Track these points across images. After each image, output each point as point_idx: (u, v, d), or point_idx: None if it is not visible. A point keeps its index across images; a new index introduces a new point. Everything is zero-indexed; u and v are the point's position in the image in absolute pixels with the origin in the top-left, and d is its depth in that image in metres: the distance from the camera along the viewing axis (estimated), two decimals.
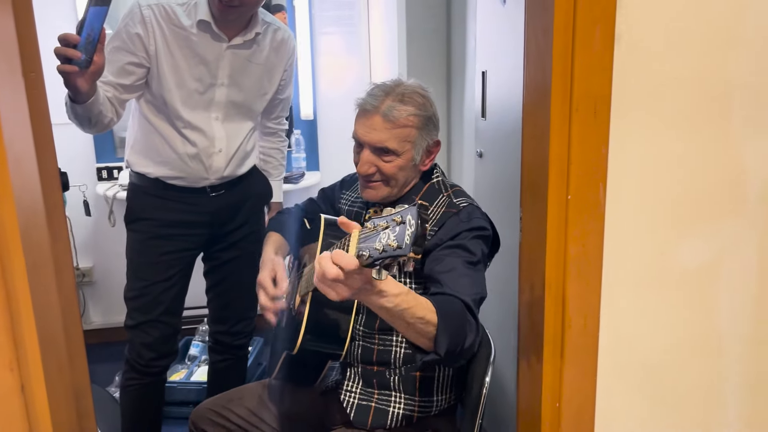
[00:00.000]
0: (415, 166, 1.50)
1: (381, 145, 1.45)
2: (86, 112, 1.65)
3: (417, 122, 1.46)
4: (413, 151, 1.47)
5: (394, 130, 1.44)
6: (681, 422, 1.23)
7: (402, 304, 1.12)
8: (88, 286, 3.34)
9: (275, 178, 2.27)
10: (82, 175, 3.09)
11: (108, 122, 1.78)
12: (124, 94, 1.81)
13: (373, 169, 1.48)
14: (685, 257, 1.14)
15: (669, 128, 1.09)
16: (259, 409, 1.68)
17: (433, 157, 1.53)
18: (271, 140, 2.22)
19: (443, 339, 1.17)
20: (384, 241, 0.91)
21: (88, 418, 1.17)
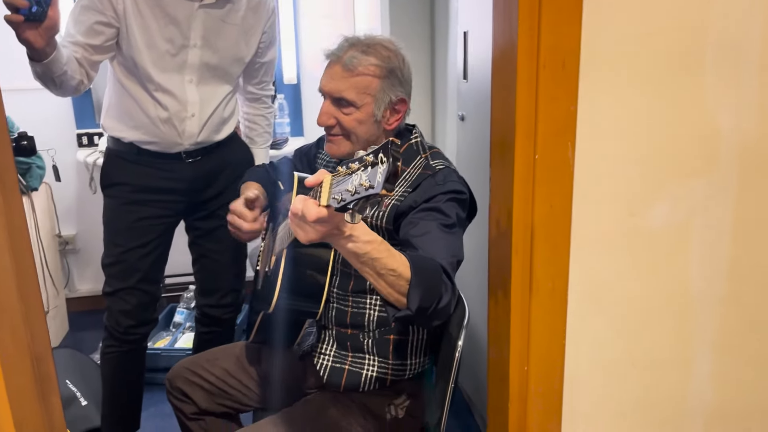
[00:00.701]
0: (378, 123, 1.45)
1: (339, 95, 1.42)
2: (47, 72, 1.60)
3: (378, 72, 1.41)
4: (374, 105, 1.42)
5: (352, 78, 1.41)
6: (652, 382, 1.22)
7: (373, 252, 1.09)
8: (72, 253, 3.33)
9: (261, 145, 2.23)
10: (61, 142, 3.04)
11: (77, 84, 1.73)
12: (94, 55, 1.76)
13: (332, 120, 1.45)
14: (656, 217, 1.12)
15: (640, 85, 1.06)
16: (235, 370, 1.68)
17: (399, 118, 1.47)
18: (255, 106, 2.16)
19: (415, 294, 1.14)
20: (356, 182, 0.89)
21: (50, 382, 1.15)
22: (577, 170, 1.05)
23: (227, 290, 2.13)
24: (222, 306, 2.15)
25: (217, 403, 1.65)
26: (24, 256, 1.08)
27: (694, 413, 1.23)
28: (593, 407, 1.20)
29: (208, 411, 1.65)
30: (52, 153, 2.87)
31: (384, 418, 1.51)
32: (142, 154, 1.90)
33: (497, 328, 1.16)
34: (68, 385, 2.48)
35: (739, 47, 1.06)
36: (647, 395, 1.22)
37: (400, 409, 1.52)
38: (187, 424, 1.66)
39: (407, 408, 1.53)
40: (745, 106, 1.11)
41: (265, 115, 2.20)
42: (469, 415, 2.46)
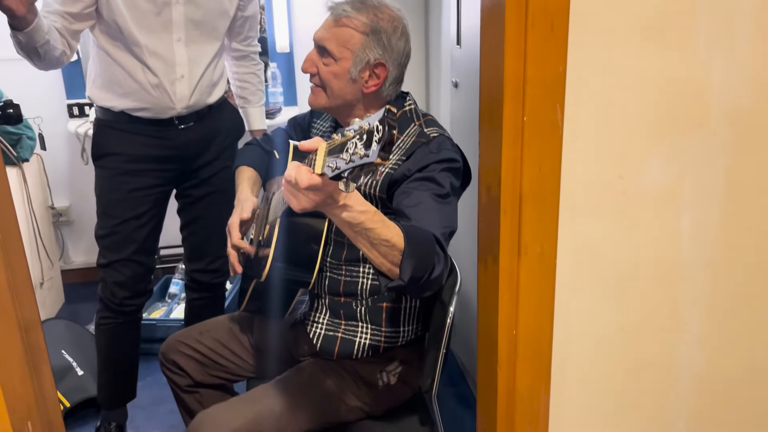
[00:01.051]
0: (354, 83, 1.43)
1: (321, 44, 1.42)
2: (30, 41, 1.57)
3: (361, 28, 1.39)
4: (351, 61, 1.41)
5: (336, 29, 1.41)
6: (641, 345, 1.22)
7: (367, 222, 1.09)
8: (66, 225, 3.32)
9: (255, 104, 2.20)
10: (51, 112, 3.01)
11: (60, 55, 1.70)
12: (74, 23, 1.73)
13: (313, 68, 1.45)
14: (645, 179, 1.11)
15: (630, 44, 1.04)
16: (228, 340, 1.69)
17: (377, 84, 1.43)
18: (244, 64, 2.13)
19: (408, 265, 1.14)
20: (351, 150, 0.88)
21: (40, 352, 1.15)
22: (566, 132, 1.04)
23: (215, 256, 2.13)
24: (211, 271, 2.15)
25: (211, 374, 1.66)
26: (8, 225, 1.07)
27: (682, 376, 1.24)
28: (581, 370, 1.21)
29: (202, 383, 1.66)
30: (39, 121, 2.84)
31: (376, 385, 1.52)
32: (133, 122, 1.88)
33: (486, 293, 1.16)
34: (64, 355, 2.49)
35: (731, 4, 1.04)
36: (636, 358, 1.22)
37: (392, 376, 1.53)
38: (182, 396, 1.68)
39: (399, 374, 1.54)
40: (737, 65, 1.09)
41: (256, 72, 2.17)
42: (463, 381, 2.49)
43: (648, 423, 1.27)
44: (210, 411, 1.43)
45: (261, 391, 1.47)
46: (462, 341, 2.39)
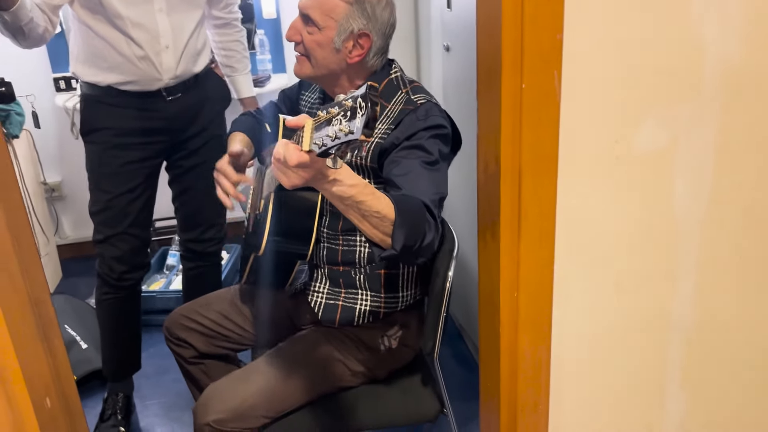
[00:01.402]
0: (338, 52, 1.42)
1: (305, 12, 1.41)
2: (15, 20, 1.55)
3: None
4: (336, 30, 1.40)
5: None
6: (637, 302, 1.26)
7: (358, 195, 1.10)
8: (59, 200, 3.31)
9: (242, 72, 2.19)
10: (37, 87, 2.98)
11: (43, 32, 1.68)
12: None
13: (297, 36, 1.44)
14: (640, 143, 1.13)
15: (625, 11, 1.05)
16: (230, 313, 1.71)
17: (361, 54, 1.43)
18: (226, 32, 2.11)
19: (400, 234, 1.16)
20: (336, 127, 0.89)
21: (51, 326, 1.18)
22: (564, 99, 1.05)
23: (209, 224, 2.15)
24: (204, 240, 2.16)
25: (215, 345, 1.69)
26: (14, 203, 1.09)
27: (677, 327, 1.28)
28: (580, 328, 1.25)
29: (207, 354, 1.69)
30: (32, 99, 2.81)
31: (378, 350, 1.56)
32: (121, 95, 1.86)
33: (487, 257, 1.19)
34: (67, 329, 2.52)
35: None
36: (632, 313, 1.26)
37: (393, 340, 1.57)
38: (188, 368, 1.71)
39: (400, 338, 1.58)
40: (730, 29, 1.10)
41: (239, 39, 2.15)
42: (461, 342, 2.54)
43: (645, 372, 1.32)
44: (219, 383, 1.47)
45: (267, 361, 1.51)
46: (459, 303, 2.43)
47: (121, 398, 2.17)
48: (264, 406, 1.45)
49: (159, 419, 2.25)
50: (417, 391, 1.58)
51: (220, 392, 1.46)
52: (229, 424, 1.41)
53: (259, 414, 1.45)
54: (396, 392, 1.58)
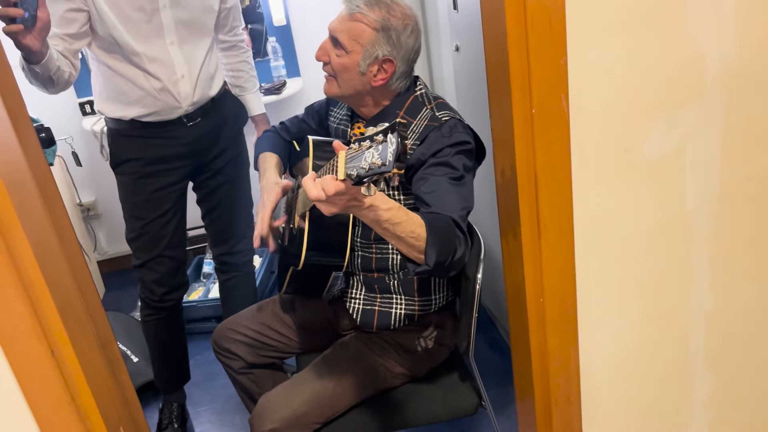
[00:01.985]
0: (363, 75, 1.49)
1: (334, 35, 1.48)
2: (45, 71, 1.64)
3: (374, 24, 1.44)
4: (361, 55, 1.46)
5: (349, 23, 1.46)
6: (657, 296, 1.33)
7: (393, 218, 1.19)
8: (95, 219, 3.44)
9: (251, 91, 2.26)
10: (65, 112, 3.09)
11: (68, 77, 1.77)
12: (73, 43, 1.78)
13: (326, 57, 1.51)
14: (649, 149, 1.19)
15: (624, 29, 1.10)
16: (273, 323, 1.80)
17: (385, 78, 1.49)
18: (233, 54, 2.19)
19: (432, 252, 1.25)
20: (369, 159, 0.97)
21: (117, 362, 1.29)
22: (573, 117, 1.12)
23: (239, 238, 2.24)
24: (236, 252, 2.26)
25: (261, 355, 1.79)
26: (76, 256, 1.19)
27: (696, 319, 1.35)
28: (605, 325, 1.32)
29: (254, 364, 1.79)
30: (70, 141, 2.93)
31: (415, 351, 1.65)
32: (145, 127, 1.95)
33: (511, 266, 1.27)
34: (118, 345, 2.63)
35: None
36: (653, 308, 1.34)
37: (429, 340, 1.66)
38: (237, 378, 1.81)
39: (435, 338, 1.66)
40: (726, 31, 1.15)
41: (246, 59, 2.22)
42: (493, 329, 2.63)
43: (669, 363, 1.40)
44: (271, 394, 1.57)
45: (313, 371, 1.61)
46: (489, 292, 2.51)
47: (175, 408, 2.29)
48: (315, 413, 1.55)
49: (212, 425, 2.38)
50: (456, 387, 1.67)
51: (273, 402, 1.56)
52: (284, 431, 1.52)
53: (310, 420, 1.55)
54: (436, 389, 1.67)
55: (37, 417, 1.07)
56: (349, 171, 1.01)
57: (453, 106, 2.39)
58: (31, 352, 1.03)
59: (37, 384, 1.05)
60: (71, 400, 1.08)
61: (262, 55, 3.24)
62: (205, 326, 2.89)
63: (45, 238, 1.05)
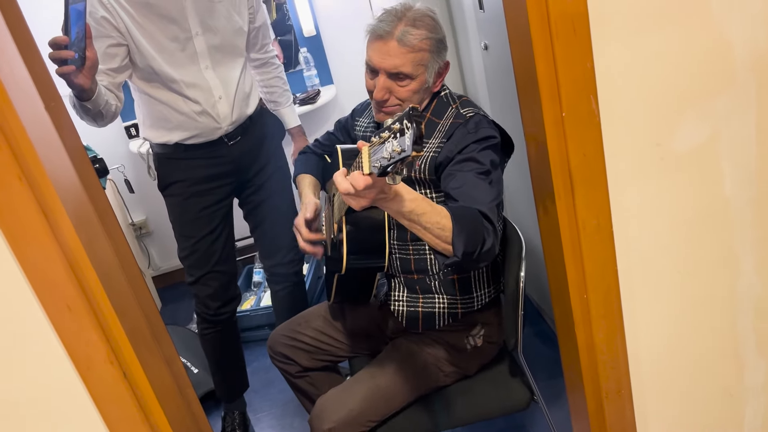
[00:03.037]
0: (428, 89, 1.55)
1: (395, 71, 1.49)
2: (95, 107, 1.72)
3: (430, 45, 1.49)
4: (426, 74, 1.51)
5: (410, 54, 1.47)
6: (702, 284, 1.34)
7: (417, 209, 1.23)
8: (147, 236, 3.57)
9: (285, 105, 2.34)
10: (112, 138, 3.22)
11: (115, 110, 1.85)
12: (117, 77, 1.88)
13: (388, 95, 1.53)
14: (682, 141, 1.20)
15: (647, 23, 1.11)
16: (325, 328, 1.87)
17: (442, 78, 1.57)
18: (266, 71, 2.26)
19: (459, 242, 1.28)
20: (389, 149, 1.01)
21: (183, 379, 1.36)
22: (603, 117, 1.14)
23: (287, 249, 2.31)
24: (286, 263, 2.33)
25: (316, 359, 1.86)
26: (139, 283, 1.26)
27: (743, 304, 1.36)
28: (651, 315, 1.34)
29: (310, 368, 1.86)
30: (122, 169, 3.07)
31: (465, 349, 1.69)
32: (188, 150, 2.04)
33: (554, 266, 1.30)
34: None
35: None
36: (698, 296, 1.34)
37: (478, 338, 1.70)
38: (295, 382, 1.88)
39: (483, 335, 1.70)
40: (754, 16, 1.15)
41: (279, 75, 2.29)
42: (540, 319, 2.65)
43: (718, 349, 1.40)
44: (328, 396, 1.64)
45: (368, 372, 1.67)
46: (534, 284, 2.53)
47: (237, 416, 2.39)
48: (370, 412, 1.61)
49: (273, 429, 2.46)
50: (507, 383, 1.70)
51: (331, 403, 1.62)
52: (342, 431, 1.58)
53: (366, 419, 1.61)
54: (487, 385, 1.71)
55: None
56: (374, 164, 1.05)
57: (485, 104, 2.44)
58: (106, 377, 1.10)
59: (114, 406, 1.13)
60: (145, 419, 1.15)
61: (294, 66, 3.31)
62: (259, 334, 2.98)
63: (110, 269, 1.13)
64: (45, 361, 1.09)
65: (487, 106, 2.47)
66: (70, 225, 1.00)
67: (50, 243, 0.99)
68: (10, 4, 1.10)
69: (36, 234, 0.98)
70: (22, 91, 0.99)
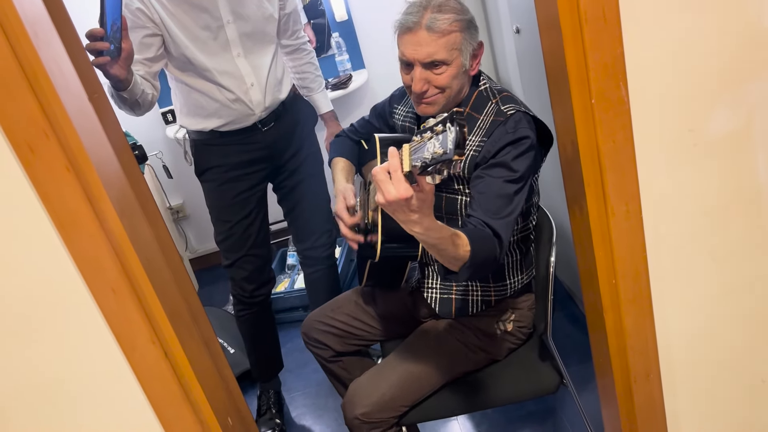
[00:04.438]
0: (466, 72, 1.54)
1: (430, 59, 1.47)
2: (132, 96, 1.77)
3: (460, 26, 1.48)
4: (461, 57, 1.50)
5: (441, 39, 1.46)
6: (735, 270, 1.33)
7: (441, 244, 1.27)
8: (184, 220, 3.66)
9: (317, 91, 2.36)
10: (149, 124, 3.29)
11: (152, 99, 1.90)
12: (152, 67, 1.92)
13: (426, 86, 1.51)
14: (715, 127, 1.19)
15: (677, 8, 1.10)
16: (357, 313, 1.91)
17: (479, 60, 1.55)
18: (298, 57, 2.28)
19: (467, 272, 1.35)
20: (431, 149, 1.02)
21: (220, 358, 1.42)
22: (633, 103, 1.14)
23: (320, 232, 2.35)
24: (319, 246, 2.37)
25: (348, 343, 1.90)
26: (178, 267, 1.32)
27: None
28: (682, 301, 1.34)
29: (342, 352, 1.90)
30: (160, 155, 3.14)
31: (495, 335, 1.71)
32: (224, 136, 2.08)
33: (583, 250, 1.31)
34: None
35: None
36: (730, 281, 1.34)
37: (508, 324, 1.71)
38: (328, 366, 1.93)
39: (514, 321, 1.72)
40: None
41: (310, 61, 2.31)
42: (571, 302, 2.65)
43: (751, 334, 1.40)
44: (360, 381, 1.68)
45: (399, 357, 1.70)
46: (565, 268, 2.53)
47: (272, 395, 2.46)
48: (402, 396, 1.65)
49: (307, 408, 2.53)
50: (537, 367, 1.72)
51: (363, 388, 1.66)
52: (374, 415, 1.62)
53: (398, 404, 1.64)
54: (517, 370, 1.73)
55: (158, 412, 1.21)
56: (414, 162, 1.07)
57: (517, 88, 2.43)
58: (149, 356, 1.16)
59: (156, 383, 1.18)
60: (185, 397, 1.21)
61: (326, 50, 3.33)
62: (293, 315, 3.05)
63: (151, 254, 1.18)
64: (93, 341, 1.15)
65: (519, 90, 2.46)
66: (114, 212, 1.05)
67: (96, 230, 1.04)
68: None
69: (83, 221, 1.03)
70: (68, 85, 1.03)
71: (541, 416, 2.20)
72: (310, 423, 2.46)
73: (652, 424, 1.42)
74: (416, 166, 1.07)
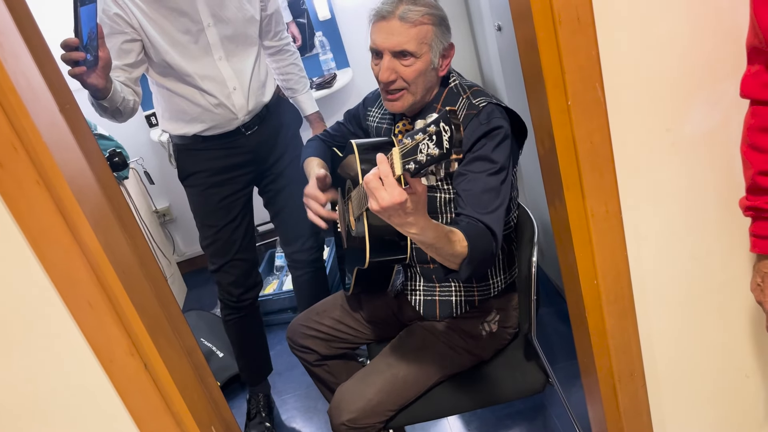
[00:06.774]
0: (435, 71, 1.53)
1: (400, 48, 1.47)
2: (112, 104, 1.75)
3: (432, 20, 1.47)
4: (431, 53, 1.49)
5: (412, 29, 1.46)
6: (713, 269, 1.34)
7: (438, 242, 1.26)
8: (171, 223, 3.64)
9: (302, 92, 2.33)
10: (133, 127, 3.26)
11: (134, 105, 1.88)
12: (133, 72, 1.90)
13: (394, 75, 1.51)
14: (692, 126, 1.19)
15: (655, 8, 1.10)
16: (342, 317, 1.90)
17: (448, 62, 1.55)
18: (281, 58, 2.26)
19: (467, 269, 1.33)
20: (425, 151, 1.00)
21: (203, 368, 1.41)
22: (610, 104, 1.14)
23: (307, 235, 2.33)
24: (306, 249, 2.36)
25: (334, 347, 1.89)
26: (157, 278, 1.30)
27: None
28: (664, 300, 1.34)
29: (328, 356, 1.89)
30: (141, 162, 3.12)
31: (480, 336, 1.71)
32: (207, 141, 2.06)
33: (564, 253, 1.30)
34: (204, 342, 2.82)
35: None
36: (713, 280, 1.34)
37: (493, 324, 1.71)
38: (313, 370, 1.92)
39: (498, 321, 1.72)
40: None
41: (294, 62, 2.28)
42: (559, 298, 2.65)
43: (735, 331, 1.40)
44: (346, 386, 1.66)
45: (383, 361, 1.69)
46: (552, 264, 2.53)
47: (262, 398, 2.45)
48: (388, 401, 1.64)
49: (298, 411, 2.52)
50: (523, 367, 1.72)
51: (349, 394, 1.65)
52: (361, 421, 1.61)
53: (384, 409, 1.63)
54: (503, 370, 1.72)
55: (139, 425, 1.20)
56: (407, 165, 1.04)
57: (500, 85, 2.42)
58: (128, 368, 1.15)
59: (137, 396, 1.17)
60: (167, 408, 1.20)
61: (309, 50, 3.31)
62: (282, 317, 3.03)
63: (129, 266, 1.16)
64: (70, 355, 1.14)
65: (502, 87, 2.46)
66: (87, 225, 1.04)
67: (70, 243, 1.03)
68: (22, 8, 1.13)
69: (56, 236, 1.02)
70: (38, 97, 1.02)
71: (531, 413, 2.20)
72: (301, 425, 2.45)
73: (638, 421, 1.43)
74: (410, 169, 1.05)
